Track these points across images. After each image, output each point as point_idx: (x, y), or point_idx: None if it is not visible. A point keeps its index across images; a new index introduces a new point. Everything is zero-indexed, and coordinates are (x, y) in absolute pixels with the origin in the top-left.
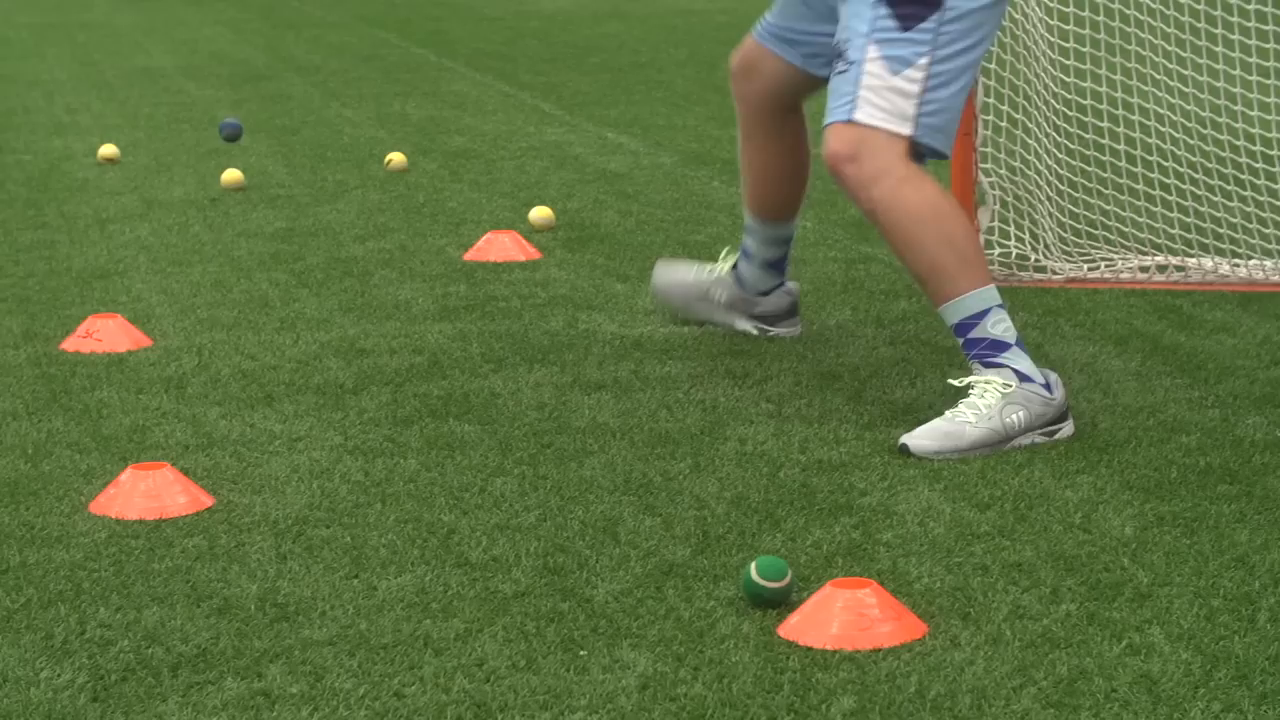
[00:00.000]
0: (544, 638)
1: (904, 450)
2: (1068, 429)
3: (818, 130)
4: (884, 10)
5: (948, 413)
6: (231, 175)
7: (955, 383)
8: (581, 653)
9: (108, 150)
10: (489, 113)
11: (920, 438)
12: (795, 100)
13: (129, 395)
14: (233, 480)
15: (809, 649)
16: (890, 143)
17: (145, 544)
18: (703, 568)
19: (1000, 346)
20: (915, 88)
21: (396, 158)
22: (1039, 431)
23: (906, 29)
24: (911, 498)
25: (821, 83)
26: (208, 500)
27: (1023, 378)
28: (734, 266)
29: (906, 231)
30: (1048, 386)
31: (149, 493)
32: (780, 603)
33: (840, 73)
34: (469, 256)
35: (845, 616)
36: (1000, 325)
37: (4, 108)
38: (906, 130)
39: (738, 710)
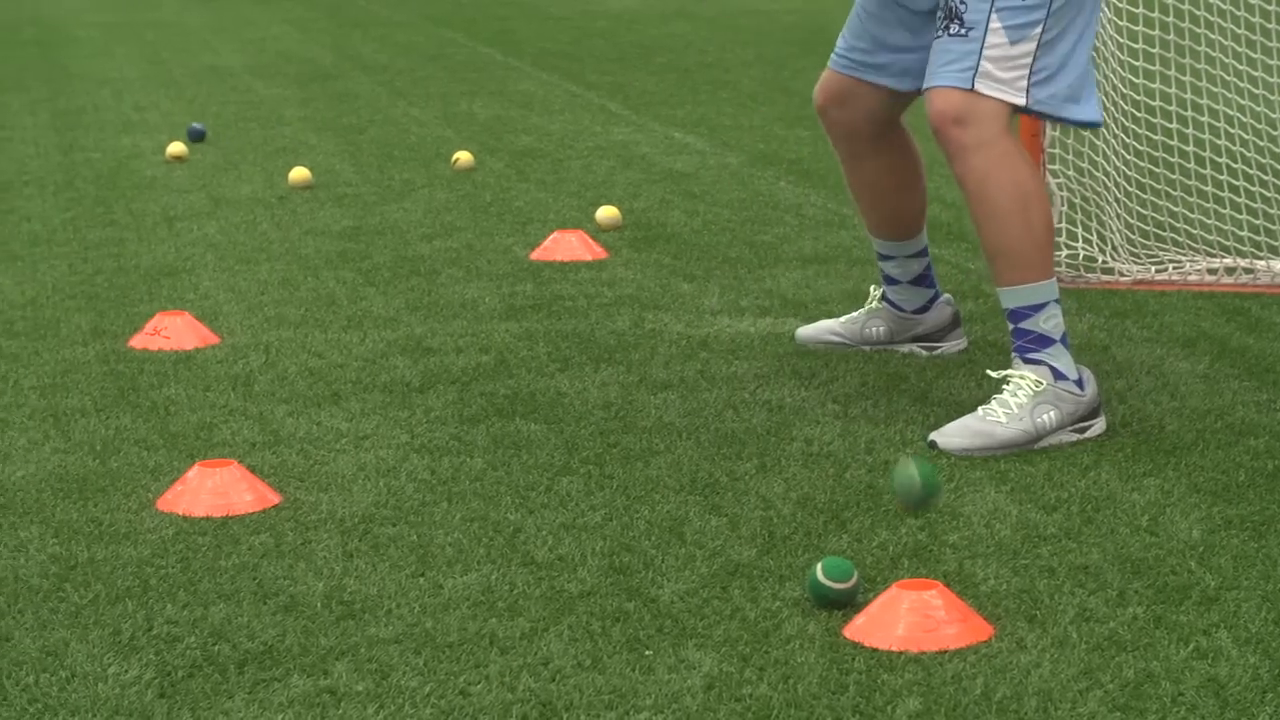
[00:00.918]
0: (609, 637)
1: (932, 446)
2: (1099, 426)
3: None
4: None
5: (979, 409)
6: (299, 173)
7: (993, 374)
8: (647, 652)
9: (176, 148)
10: (555, 112)
11: (950, 435)
12: (894, 116)
13: (196, 392)
14: (299, 478)
15: (874, 650)
16: (999, 113)
17: (212, 541)
18: (768, 568)
19: (1045, 342)
20: (1028, 58)
21: (463, 157)
22: (1070, 428)
23: None
24: (977, 499)
25: (915, 95)
26: (274, 498)
27: (1058, 375)
28: (882, 298)
29: (992, 205)
30: (1080, 383)
31: (216, 490)
32: (846, 604)
33: (955, 34)
34: (535, 256)
35: (911, 618)
36: (1051, 321)
37: (74, 106)
38: (1019, 100)
39: (803, 711)
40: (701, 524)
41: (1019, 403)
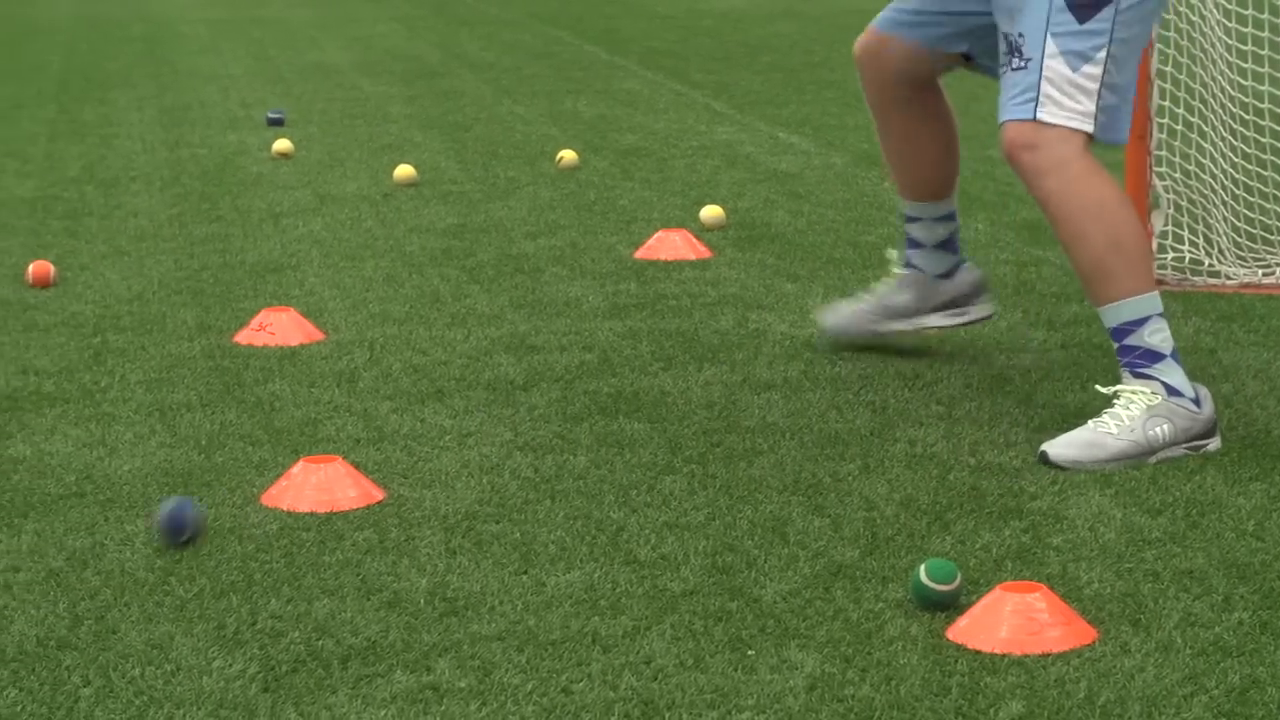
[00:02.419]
0: (712, 636)
1: (1043, 459)
2: (1214, 444)
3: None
4: (1060, 3)
5: (1090, 422)
6: (404, 171)
7: (1103, 389)
8: (749, 652)
9: (282, 145)
10: (660, 111)
11: (1061, 446)
12: (930, 77)
13: (301, 388)
14: (403, 474)
15: (977, 652)
16: (1070, 136)
17: (316, 536)
18: (871, 569)
19: (1154, 357)
20: (1094, 84)
21: (568, 155)
22: (1184, 446)
23: (1084, 21)
24: (1082, 502)
25: (955, 60)
26: (378, 494)
27: (1171, 391)
28: (906, 264)
29: (1076, 225)
30: (1196, 401)
31: (320, 485)
32: (949, 606)
33: (1018, 68)
34: (640, 254)
35: (1014, 620)
36: (1158, 335)
37: (180, 102)
38: (1088, 127)
39: (905, 713)
40: (804, 524)
41: (1131, 415)
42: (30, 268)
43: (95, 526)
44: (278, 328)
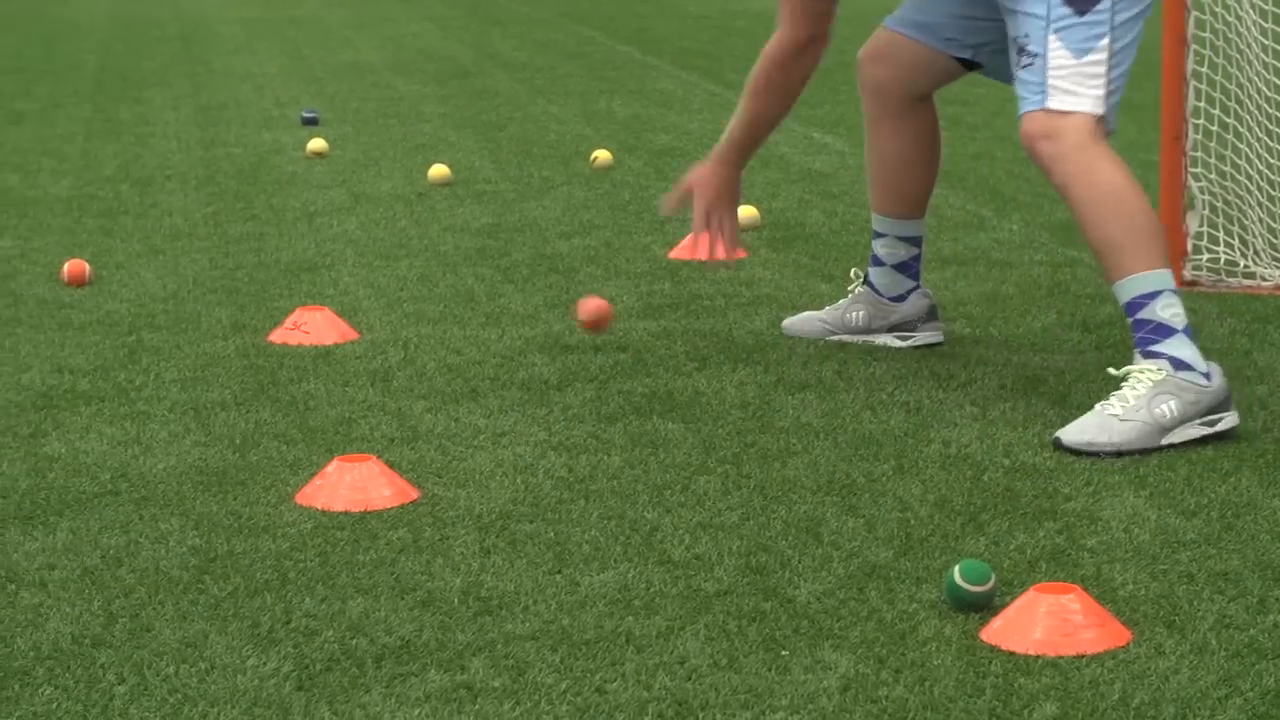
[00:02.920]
0: (746, 637)
1: (1056, 444)
2: (1230, 419)
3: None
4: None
5: (1097, 405)
6: (438, 170)
7: (1114, 371)
8: (783, 652)
9: (317, 145)
10: (694, 111)
11: (1072, 431)
12: (928, 88)
13: (335, 387)
14: (437, 474)
15: (1011, 654)
16: (1083, 122)
17: (350, 535)
18: (905, 570)
19: (1165, 331)
20: (1100, 69)
21: (602, 155)
22: (1198, 421)
23: (1083, 13)
24: (1116, 504)
25: (958, 69)
26: (413, 493)
27: (1179, 365)
28: (864, 280)
29: (1092, 206)
30: (1207, 375)
31: (355, 485)
32: (983, 607)
33: (1025, 66)
34: (674, 254)
35: (1049, 622)
36: (1170, 310)
37: (215, 101)
38: (1099, 110)
39: (939, 714)
40: (838, 525)
41: (1136, 395)
42: (66, 266)
43: (130, 525)
44: (312, 327)
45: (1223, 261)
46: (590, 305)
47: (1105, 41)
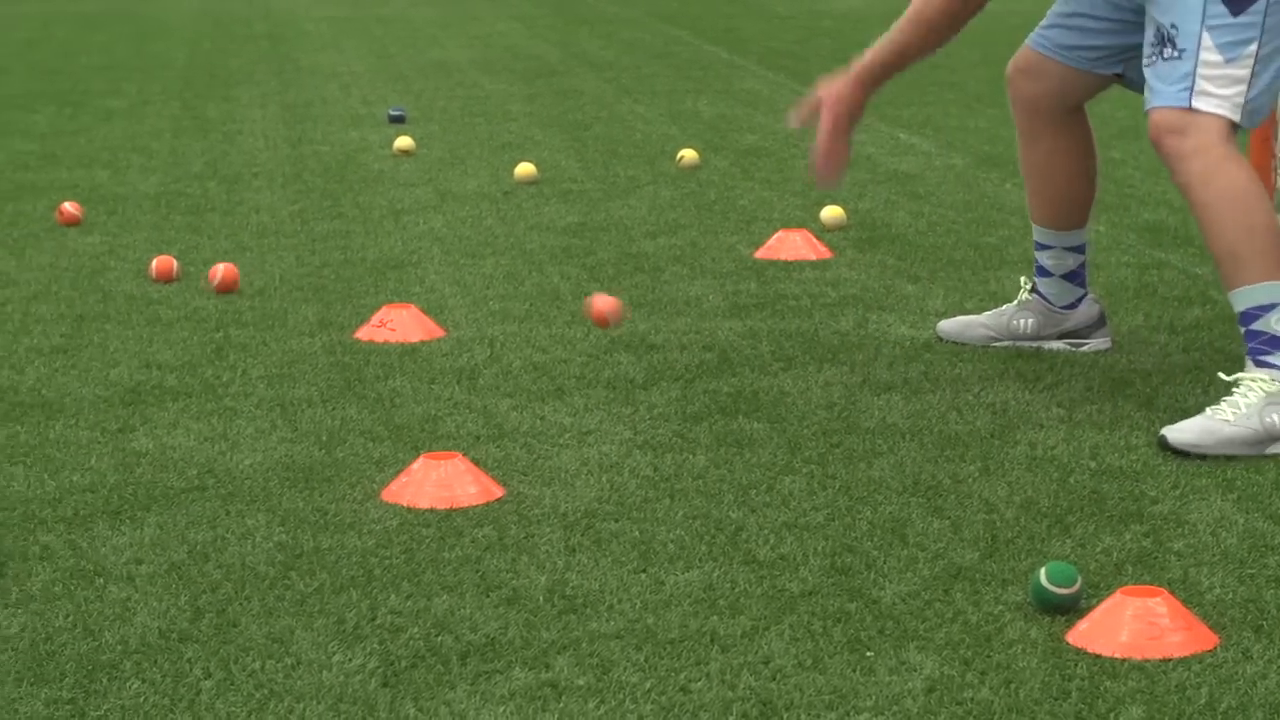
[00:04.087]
0: (830, 637)
1: (1162, 443)
2: None
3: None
4: None
5: (1208, 409)
6: (525, 169)
7: (1225, 377)
8: (868, 653)
9: (403, 143)
10: (780, 111)
11: (1180, 430)
12: (1080, 101)
13: (421, 385)
14: (523, 472)
15: (1097, 656)
16: (1216, 124)
17: (436, 533)
18: (991, 572)
19: (1277, 343)
20: (1245, 73)
21: (688, 154)
22: None
23: (1237, 14)
24: (1204, 507)
25: (1107, 82)
26: (498, 491)
27: None
28: (1032, 289)
29: (1214, 210)
30: None
31: (440, 482)
32: (1069, 609)
33: (1170, 58)
34: (760, 254)
35: (1135, 625)
36: None
37: (303, 99)
38: (1235, 116)
39: (1024, 716)
40: (924, 526)
41: (1248, 403)
42: (154, 262)
43: (217, 520)
44: (398, 324)
45: None
46: (599, 304)
47: (1254, 46)
